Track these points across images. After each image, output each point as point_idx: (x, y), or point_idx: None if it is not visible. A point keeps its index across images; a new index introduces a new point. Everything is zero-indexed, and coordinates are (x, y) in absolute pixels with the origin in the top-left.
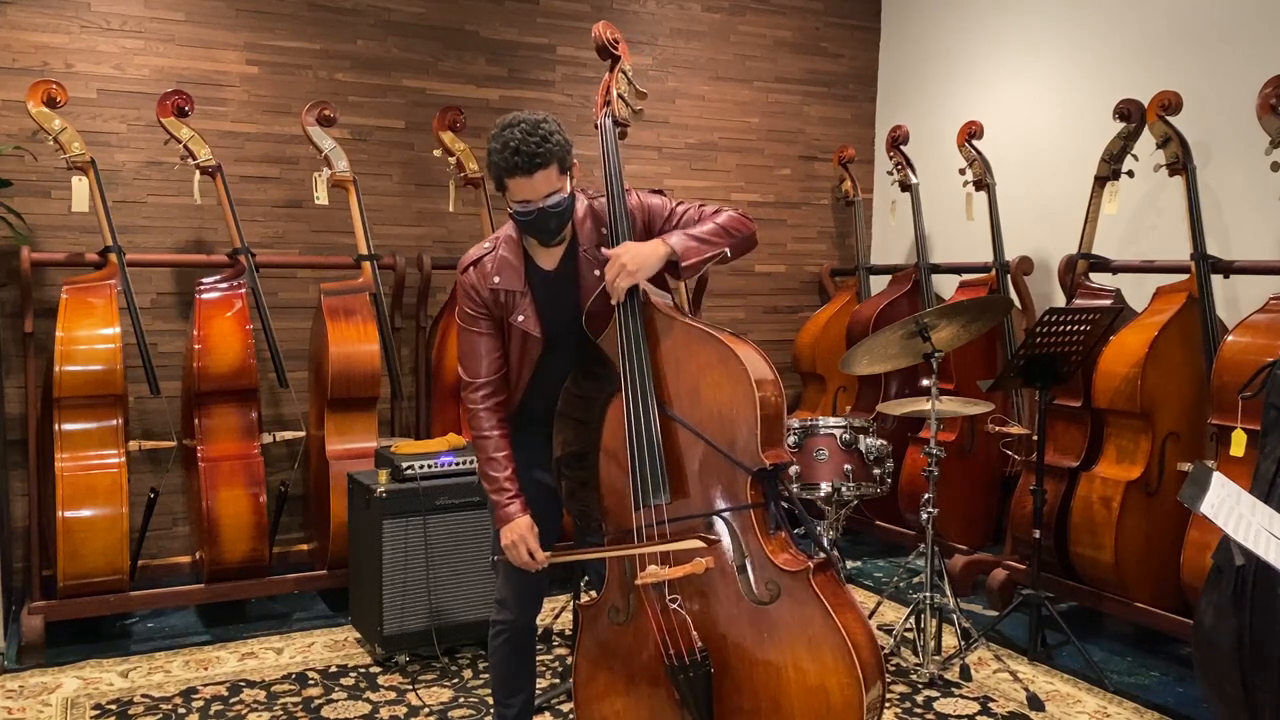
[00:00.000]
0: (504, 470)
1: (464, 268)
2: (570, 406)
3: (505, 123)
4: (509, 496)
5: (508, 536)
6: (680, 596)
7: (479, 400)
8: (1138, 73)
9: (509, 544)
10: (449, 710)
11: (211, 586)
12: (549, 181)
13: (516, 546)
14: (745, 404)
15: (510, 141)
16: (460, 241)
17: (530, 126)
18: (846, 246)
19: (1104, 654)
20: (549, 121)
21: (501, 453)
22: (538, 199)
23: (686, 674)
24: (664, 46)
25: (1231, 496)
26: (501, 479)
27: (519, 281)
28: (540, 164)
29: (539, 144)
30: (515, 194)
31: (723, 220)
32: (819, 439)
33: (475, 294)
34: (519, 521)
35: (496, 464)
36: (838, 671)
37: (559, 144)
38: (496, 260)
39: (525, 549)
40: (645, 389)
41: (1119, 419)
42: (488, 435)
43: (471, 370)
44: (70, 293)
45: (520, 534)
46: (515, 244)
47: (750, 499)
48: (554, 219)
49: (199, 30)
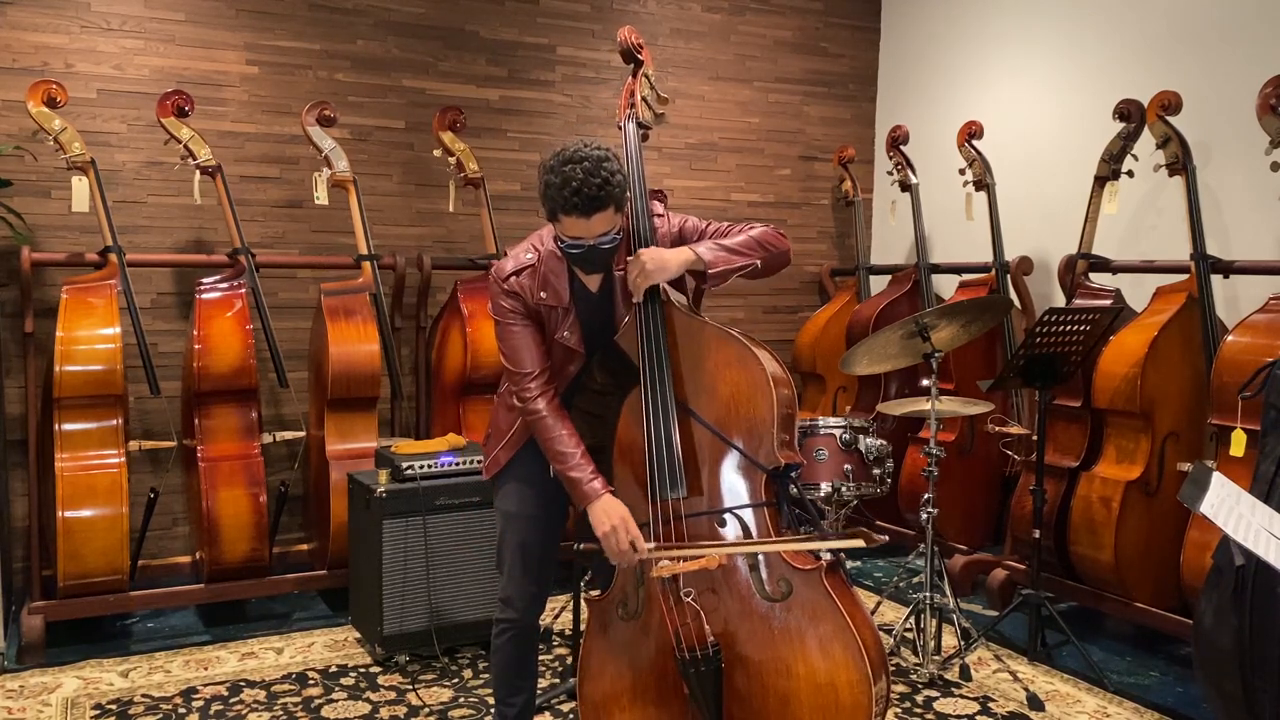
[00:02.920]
0: (576, 447)
1: (505, 276)
2: (586, 401)
3: (566, 156)
4: (590, 472)
5: (605, 520)
6: (694, 591)
7: (534, 389)
8: (1138, 73)
9: (609, 529)
10: (449, 710)
11: (211, 586)
12: (606, 222)
13: (617, 532)
14: (763, 403)
15: (572, 181)
16: (460, 241)
17: (593, 166)
18: (846, 246)
19: (1104, 654)
20: (611, 161)
21: (564, 430)
22: (591, 237)
23: (698, 668)
24: (664, 46)
25: (1231, 496)
26: (576, 455)
27: (565, 299)
28: (599, 207)
29: (600, 186)
30: (568, 230)
31: (756, 234)
32: (819, 439)
33: (519, 300)
34: (610, 501)
35: (564, 440)
36: (847, 670)
37: (619, 184)
38: (541, 276)
39: (626, 534)
40: (664, 385)
41: (1119, 419)
42: (549, 417)
43: (519, 362)
44: (70, 293)
45: (621, 515)
46: (560, 261)
47: (764, 498)
48: (603, 255)
49: (199, 30)
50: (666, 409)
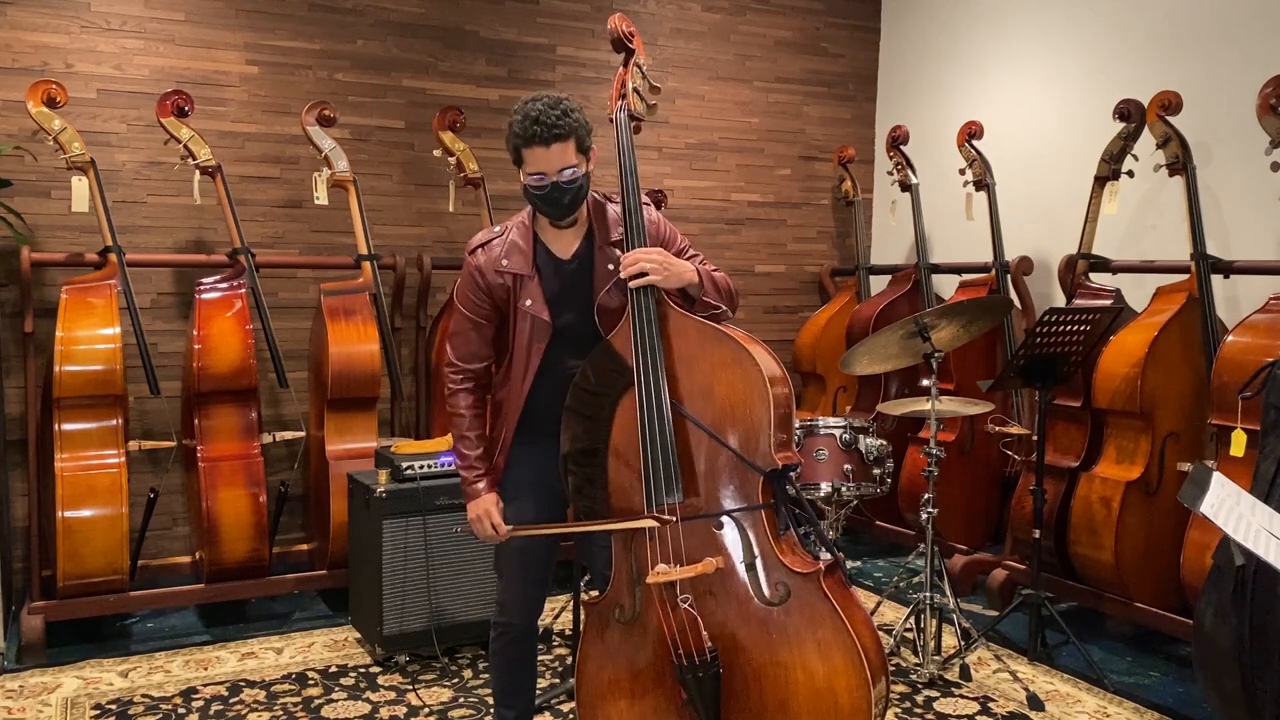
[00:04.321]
0: (475, 449)
1: (472, 249)
2: (579, 402)
3: (528, 97)
4: (477, 474)
5: (473, 511)
6: (691, 596)
7: (458, 381)
8: (1138, 73)
9: (474, 518)
10: (449, 710)
11: (211, 586)
12: (565, 156)
13: (481, 520)
14: (759, 404)
15: (531, 112)
16: (460, 241)
17: (552, 101)
18: (846, 246)
19: (1104, 654)
20: (570, 100)
21: (474, 431)
22: (552, 173)
23: (696, 674)
24: (664, 46)
25: (1231, 496)
26: (472, 457)
27: (527, 266)
28: (559, 136)
29: (560, 117)
30: (531, 165)
31: (731, 284)
32: (819, 439)
33: (480, 277)
34: (485, 497)
35: (469, 442)
36: (847, 674)
37: (579, 121)
38: (506, 244)
39: (489, 522)
40: (659, 386)
41: (1119, 419)
42: (462, 413)
43: (458, 352)
44: (70, 293)
45: (485, 508)
46: (526, 229)
47: (761, 499)
48: (567, 194)
49: (199, 30)
50: (661, 410)
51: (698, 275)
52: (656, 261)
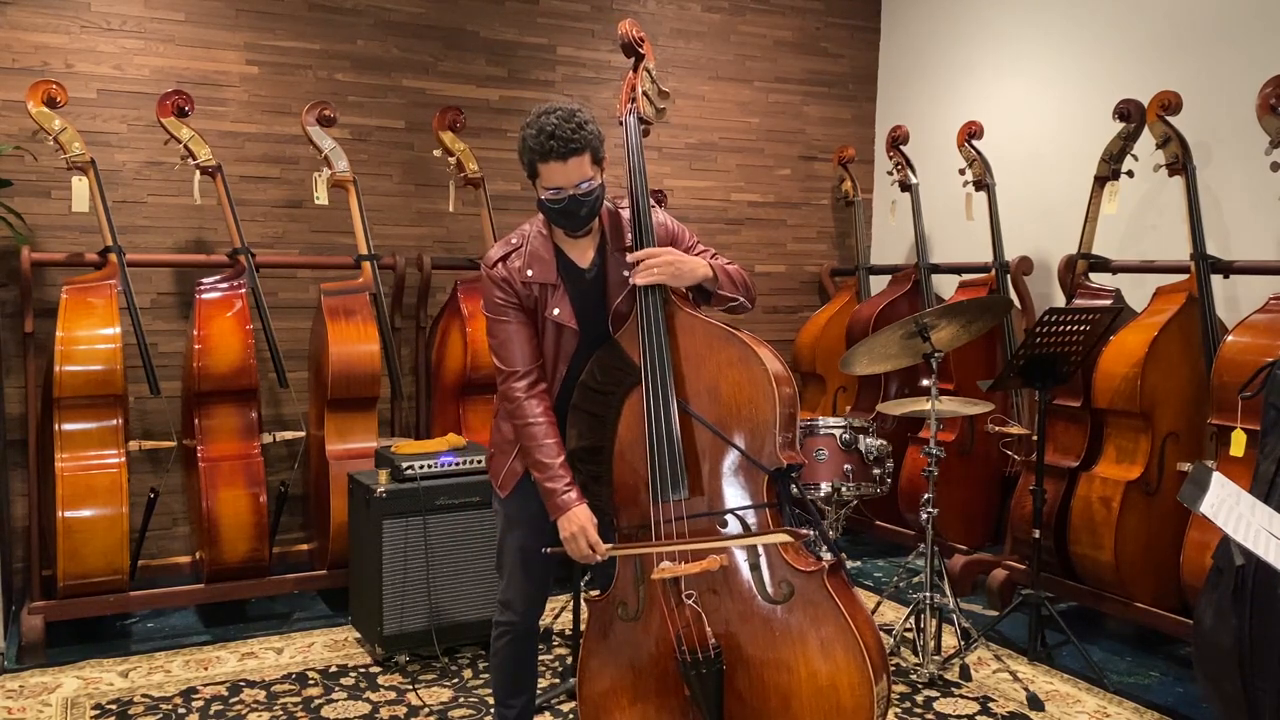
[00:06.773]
0: (557, 456)
1: (493, 263)
2: (585, 400)
3: (541, 110)
4: (565, 484)
5: (567, 527)
6: (695, 593)
7: (522, 389)
8: (1138, 73)
9: (569, 535)
10: (449, 710)
11: (211, 586)
12: (582, 169)
13: (577, 539)
14: (766, 403)
15: (546, 126)
16: (460, 241)
17: (566, 114)
18: (846, 246)
19: (1104, 654)
20: (584, 111)
21: (552, 439)
22: (569, 186)
23: (699, 671)
24: (664, 46)
25: (1231, 496)
26: (555, 466)
27: (552, 275)
28: (575, 150)
29: (575, 130)
30: (547, 180)
31: (746, 276)
32: (819, 439)
33: (508, 285)
34: (578, 511)
35: (548, 450)
36: (849, 672)
37: (594, 133)
38: (527, 255)
39: (586, 540)
40: (666, 385)
41: (1119, 419)
42: (536, 422)
43: (509, 359)
44: (70, 293)
45: (581, 524)
46: (546, 239)
47: (766, 498)
48: (585, 206)
49: (199, 30)
50: (668, 409)
51: (711, 269)
52: (664, 260)
